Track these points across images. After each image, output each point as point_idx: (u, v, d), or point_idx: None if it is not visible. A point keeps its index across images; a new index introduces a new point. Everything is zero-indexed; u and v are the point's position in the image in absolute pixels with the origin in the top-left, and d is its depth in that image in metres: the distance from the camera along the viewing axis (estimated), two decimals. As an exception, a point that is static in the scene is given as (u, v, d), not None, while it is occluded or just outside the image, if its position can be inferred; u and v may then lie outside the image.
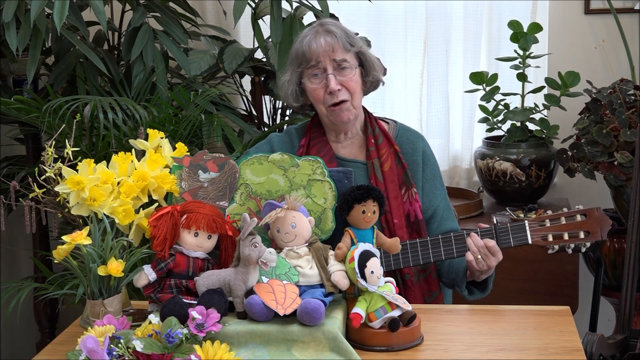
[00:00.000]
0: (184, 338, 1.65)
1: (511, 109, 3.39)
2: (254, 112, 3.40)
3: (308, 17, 3.18)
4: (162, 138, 2.07)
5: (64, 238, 1.80)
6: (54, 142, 2.00)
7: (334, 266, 1.86)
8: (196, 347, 1.67)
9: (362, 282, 1.82)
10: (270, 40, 2.99)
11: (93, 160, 1.96)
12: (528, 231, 2.18)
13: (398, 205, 2.31)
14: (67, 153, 2.00)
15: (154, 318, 1.72)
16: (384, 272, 1.90)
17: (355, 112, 2.32)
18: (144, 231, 1.95)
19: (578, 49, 3.57)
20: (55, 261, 1.87)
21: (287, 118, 3.40)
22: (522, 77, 3.37)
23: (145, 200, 1.96)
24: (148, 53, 3.00)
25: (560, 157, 3.28)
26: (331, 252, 1.89)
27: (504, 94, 3.41)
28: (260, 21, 3.05)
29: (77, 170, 1.92)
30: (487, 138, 3.50)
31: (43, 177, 1.96)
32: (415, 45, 3.61)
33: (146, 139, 2.08)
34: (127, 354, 1.64)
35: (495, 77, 3.39)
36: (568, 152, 3.26)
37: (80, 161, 1.94)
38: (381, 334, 1.82)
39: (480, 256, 2.15)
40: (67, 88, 3.16)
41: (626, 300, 2.71)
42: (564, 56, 3.56)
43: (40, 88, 3.31)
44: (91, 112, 2.75)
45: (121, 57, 3.20)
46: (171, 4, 3.27)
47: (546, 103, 3.36)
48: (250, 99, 3.44)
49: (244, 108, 3.53)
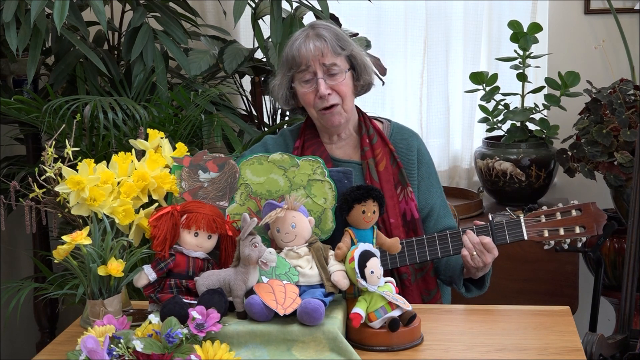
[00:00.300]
0: (184, 338, 1.65)
1: (511, 109, 3.39)
2: (254, 112, 3.41)
3: (308, 17, 3.18)
4: (162, 138, 2.07)
5: (64, 238, 1.80)
6: (54, 142, 2.00)
7: (334, 266, 1.86)
8: (196, 347, 1.67)
9: (362, 282, 1.82)
10: (270, 40, 2.99)
11: (93, 160, 1.96)
12: (524, 227, 2.19)
13: (394, 204, 2.31)
14: (67, 153, 2.00)
15: (154, 318, 1.72)
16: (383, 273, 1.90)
17: (346, 116, 2.32)
18: (144, 231, 1.95)
19: (578, 49, 3.57)
20: (55, 261, 1.87)
21: (287, 118, 3.40)
22: (522, 77, 3.37)
23: (145, 200, 1.96)
24: (148, 53, 3.00)
25: (560, 157, 3.28)
26: (331, 252, 1.89)
27: (504, 94, 3.41)
28: (260, 21, 3.05)
29: (77, 170, 1.92)
30: (487, 138, 3.50)
31: (43, 177, 1.96)
32: (415, 45, 3.61)
33: (146, 139, 2.08)
34: (127, 354, 1.64)
35: (495, 77, 3.39)
36: (568, 152, 3.26)
37: (80, 161, 1.94)
38: (381, 334, 1.82)
39: (475, 253, 2.15)
40: (67, 88, 3.16)
41: (626, 300, 2.71)
42: (564, 56, 3.56)
43: (40, 88, 3.31)
44: (91, 112, 2.75)
45: (121, 57, 3.20)
46: (171, 4, 3.27)
47: (546, 103, 3.36)
48: (250, 99, 3.44)
49: (244, 108, 3.53)
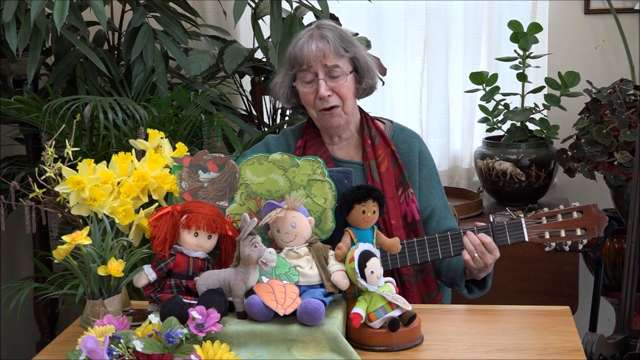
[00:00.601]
0: (184, 338, 1.65)
1: (511, 109, 3.39)
2: (254, 112, 3.40)
3: (308, 17, 3.18)
4: (162, 138, 2.07)
5: (64, 238, 1.80)
6: (54, 142, 2.00)
7: (334, 266, 1.86)
8: (196, 347, 1.67)
9: (362, 282, 1.82)
10: (270, 40, 2.99)
11: (93, 160, 1.96)
12: (525, 229, 2.18)
13: (395, 206, 2.30)
14: (67, 153, 2.00)
15: (154, 318, 1.72)
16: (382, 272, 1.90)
17: (346, 118, 2.31)
18: (144, 231, 1.95)
19: (578, 49, 3.57)
20: (55, 261, 1.87)
21: (287, 118, 3.40)
22: (522, 77, 3.37)
23: (145, 200, 1.96)
24: (148, 53, 3.00)
25: (560, 157, 3.28)
26: (331, 252, 1.89)
27: (504, 94, 3.41)
28: (260, 21, 3.05)
29: (77, 170, 1.92)
30: (487, 138, 3.50)
31: (43, 177, 1.96)
32: (415, 45, 3.61)
33: (146, 139, 2.08)
34: (127, 354, 1.64)
35: (495, 77, 3.39)
36: (568, 152, 3.26)
37: (80, 161, 1.94)
38: (381, 334, 1.82)
39: (477, 254, 2.15)
40: (67, 88, 3.16)
41: (626, 300, 2.71)
42: (564, 56, 3.56)
43: (40, 88, 3.31)
44: (91, 112, 2.75)
45: (121, 57, 3.20)
46: (171, 4, 3.27)
47: (546, 103, 3.36)
48: (250, 99, 3.44)
49: (244, 108, 3.53)
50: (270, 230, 1.92)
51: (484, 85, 3.40)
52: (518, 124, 3.37)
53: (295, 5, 3.01)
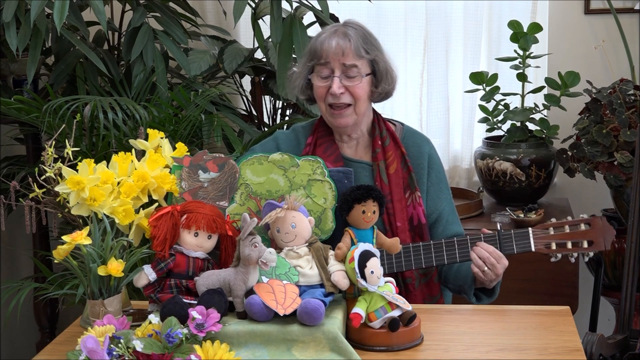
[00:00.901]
0: (184, 338, 1.65)
1: (511, 109, 3.39)
2: (254, 112, 3.41)
3: (308, 17, 3.18)
4: (162, 138, 2.07)
5: (64, 238, 1.80)
6: (54, 142, 2.00)
7: (334, 266, 1.86)
8: (196, 347, 1.67)
9: (362, 282, 1.82)
10: (270, 40, 2.99)
11: (93, 160, 1.96)
12: (532, 238, 2.18)
13: (402, 208, 2.29)
14: (67, 153, 2.00)
15: (154, 318, 1.72)
16: (386, 275, 1.90)
17: (356, 118, 2.30)
18: (144, 231, 1.95)
19: (578, 49, 3.57)
20: (55, 261, 1.87)
21: (287, 118, 3.40)
22: (522, 77, 3.37)
23: (145, 200, 1.96)
24: (148, 53, 3.00)
25: (560, 157, 3.28)
26: (331, 252, 1.89)
27: (504, 94, 3.41)
28: (260, 21, 3.05)
29: (77, 170, 1.92)
30: (487, 138, 3.50)
31: (43, 177, 1.96)
32: (415, 45, 3.61)
33: (146, 139, 2.08)
34: (127, 354, 1.64)
35: (495, 77, 3.39)
36: (568, 152, 3.26)
37: (80, 161, 1.94)
38: (381, 334, 1.82)
39: (486, 268, 2.14)
40: (67, 88, 3.16)
41: (626, 300, 2.71)
42: (564, 56, 3.56)
43: (40, 88, 3.31)
44: (91, 112, 2.75)
45: (121, 57, 3.20)
46: (171, 4, 3.27)
47: (546, 103, 3.36)
48: (250, 99, 3.44)
49: (244, 108, 3.53)
50: (270, 230, 1.92)
51: (484, 85, 3.40)
52: (518, 124, 3.37)
53: (295, 5, 3.01)
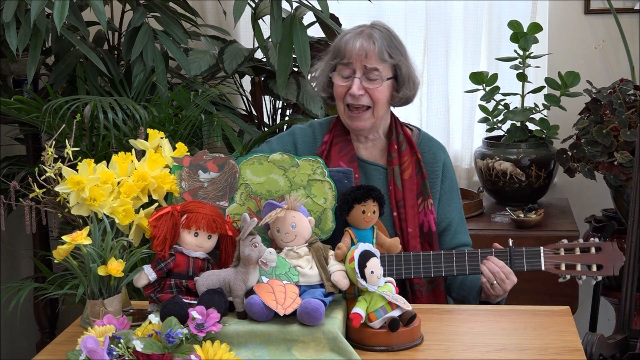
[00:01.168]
0: (184, 338, 1.65)
1: (511, 109, 3.39)
2: (254, 112, 3.41)
3: (308, 17, 3.18)
4: (162, 138, 2.07)
5: (64, 238, 1.80)
6: (54, 142, 2.00)
7: (334, 266, 1.86)
8: (196, 347, 1.67)
9: (362, 282, 1.82)
10: (270, 40, 2.99)
11: (93, 160, 1.96)
12: (542, 258, 2.18)
13: (414, 214, 2.29)
14: (67, 153, 2.00)
15: (154, 318, 1.72)
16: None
17: (373, 121, 2.29)
18: (144, 231, 1.95)
19: (578, 49, 3.58)
20: (55, 261, 1.87)
21: (287, 118, 3.40)
22: (522, 77, 3.37)
23: (145, 200, 1.96)
24: (148, 53, 3.00)
25: (560, 157, 3.28)
26: (331, 252, 1.89)
27: (504, 94, 3.41)
28: (260, 21, 3.05)
29: (77, 170, 1.92)
30: (487, 138, 3.50)
31: (43, 177, 1.96)
32: (415, 45, 3.61)
33: (146, 139, 2.08)
34: (127, 354, 1.64)
35: (495, 77, 3.39)
36: (568, 152, 3.26)
37: (80, 161, 1.93)
38: (381, 334, 1.82)
39: (495, 282, 2.14)
40: (67, 88, 3.16)
41: (626, 300, 2.71)
42: (564, 56, 3.56)
43: (40, 88, 3.31)
44: (91, 112, 2.75)
45: (121, 57, 3.20)
46: (171, 4, 3.27)
47: (546, 103, 3.36)
48: (250, 99, 3.44)
49: (244, 108, 3.53)
50: (270, 230, 1.92)
51: (484, 85, 3.41)
52: (518, 124, 3.38)
53: (295, 5, 3.01)
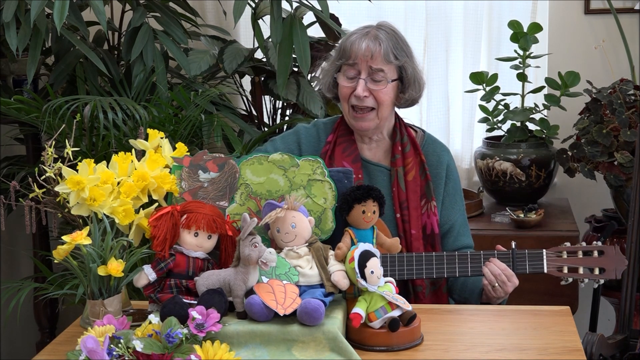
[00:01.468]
0: (184, 338, 1.65)
1: (511, 109, 3.39)
2: (254, 112, 3.41)
3: (308, 17, 3.18)
4: (162, 138, 2.07)
5: (64, 238, 1.80)
6: (54, 142, 2.00)
7: (334, 266, 1.86)
8: (196, 347, 1.67)
9: (362, 282, 1.82)
10: (270, 40, 2.99)
11: (93, 160, 1.96)
12: (545, 260, 2.18)
13: (417, 216, 2.29)
14: (67, 153, 2.00)
15: (154, 318, 1.72)
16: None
17: (377, 122, 2.29)
18: (144, 231, 1.95)
19: (578, 49, 3.58)
20: (55, 261, 1.87)
21: (287, 118, 3.40)
22: (522, 77, 3.37)
23: (145, 200, 1.96)
24: (148, 53, 3.00)
25: (560, 157, 3.28)
26: (331, 252, 1.89)
27: (504, 94, 3.41)
28: (260, 21, 3.05)
29: (77, 170, 1.92)
30: (487, 138, 3.50)
31: (43, 177, 1.96)
32: (415, 45, 3.60)
33: (146, 139, 2.08)
34: (127, 354, 1.64)
35: (495, 77, 3.39)
36: (568, 152, 3.26)
37: (80, 161, 1.93)
38: (381, 334, 1.82)
39: (497, 284, 2.14)
40: (67, 88, 3.16)
41: (626, 300, 2.71)
42: (564, 56, 3.56)
43: (40, 88, 3.31)
44: (91, 112, 2.75)
45: (121, 57, 3.20)
46: (171, 4, 3.27)
47: (546, 103, 3.36)
48: (250, 99, 3.44)
49: (244, 108, 3.53)
50: (270, 230, 1.92)
51: (484, 85, 3.41)
52: (518, 124, 3.38)
53: (295, 5, 3.01)
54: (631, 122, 3.06)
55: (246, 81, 3.49)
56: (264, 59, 3.26)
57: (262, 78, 3.33)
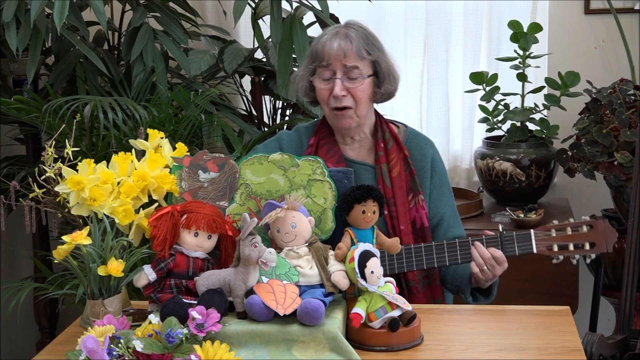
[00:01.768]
0: (184, 338, 1.65)
1: (511, 109, 3.39)
2: (254, 112, 3.41)
3: (308, 17, 3.18)
4: (162, 138, 2.07)
5: (64, 238, 1.80)
6: (54, 142, 2.00)
7: (334, 266, 1.86)
8: (196, 347, 1.67)
9: (362, 282, 1.82)
10: (270, 40, 2.99)
11: (93, 160, 1.96)
12: (533, 240, 2.18)
13: (405, 211, 2.29)
14: (67, 153, 2.00)
15: (154, 318, 1.72)
16: (388, 276, 1.90)
17: (358, 120, 2.30)
18: (144, 231, 1.95)
19: (578, 49, 3.57)
20: (55, 261, 1.87)
21: (287, 118, 3.40)
22: (522, 77, 3.37)
23: (145, 200, 1.96)
24: (148, 53, 3.00)
25: (560, 157, 3.28)
26: (331, 252, 1.89)
27: (504, 94, 3.41)
28: (260, 21, 3.05)
29: (77, 170, 1.92)
30: (487, 138, 3.50)
31: (43, 177, 1.96)
32: (415, 45, 3.61)
33: (146, 139, 2.08)
34: (127, 354, 1.64)
35: (495, 77, 3.39)
36: (568, 152, 3.26)
37: (80, 161, 1.94)
38: (381, 334, 1.82)
39: (486, 267, 2.15)
40: (67, 88, 3.16)
41: (626, 300, 2.71)
42: (564, 56, 3.56)
43: (40, 88, 3.31)
44: (91, 112, 2.75)
45: (121, 57, 3.20)
46: (171, 4, 3.27)
47: (546, 103, 3.36)
48: (250, 99, 3.44)
49: (244, 108, 3.53)
50: (270, 230, 1.92)
51: (484, 85, 3.40)
52: (518, 124, 3.37)
53: (295, 5, 3.01)
54: (631, 122, 3.06)
55: (246, 81, 3.49)
56: (264, 59, 3.26)
57: (262, 78, 3.33)
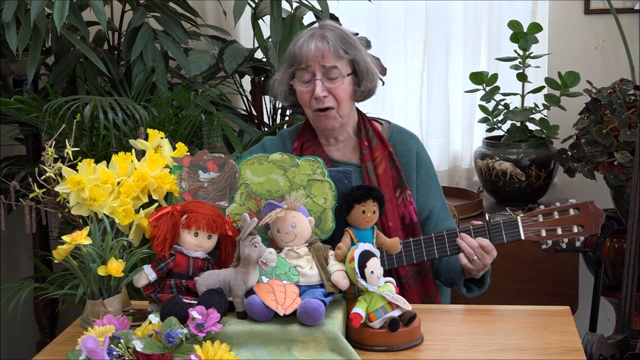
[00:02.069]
0: (184, 338, 1.65)
1: (511, 109, 3.39)
2: (254, 112, 3.41)
3: (308, 17, 3.18)
4: (162, 138, 2.07)
5: (64, 238, 1.80)
6: (54, 142, 2.00)
7: (334, 266, 1.86)
8: (196, 347, 1.67)
9: (362, 282, 1.82)
10: (270, 40, 2.99)
11: (93, 160, 1.96)
12: (521, 227, 2.18)
13: (393, 208, 2.30)
14: (67, 153, 2.00)
15: (154, 318, 1.72)
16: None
17: (341, 120, 2.31)
18: (144, 231, 1.95)
19: (578, 49, 3.58)
20: (55, 261, 1.87)
21: (287, 118, 3.40)
22: (522, 77, 3.37)
23: (145, 200, 1.96)
24: (148, 53, 3.00)
25: (560, 157, 3.28)
26: (331, 252, 1.89)
27: (504, 94, 3.41)
28: (260, 21, 3.05)
29: (77, 170, 1.92)
30: (487, 138, 3.50)
31: (43, 177, 1.96)
32: (415, 45, 3.61)
33: (146, 139, 2.08)
34: (127, 354, 1.64)
35: (495, 77, 3.39)
36: (568, 152, 3.26)
37: (80, 161, 1.94)
38: (381, 334, 1.82)
39: (476, 257, 2.15)
40: (67, 88, 3.16)
41: (626, 300, 2.71)
42: (564, 56, 3.56)
43: (40, 88, 3.31)
44: (91, 112, 2.76)
45: (121, 57, 3.20)
46: (171, 4, 3.27)
47: (546, 103, 3.37)
48: (250, 99, 3.44)
49: (244, 108, 3.53)
50: (270, 230, 1.92)
51: (484, 85, 3.41)
52: (518, 124, 3.38)
53: (295, 5, 3.01)
54: (631, 122, 3.06)
55: (246, 81, 3.49)
56: (264, 59, 3.26)
57: (262, 78, 3.33)
